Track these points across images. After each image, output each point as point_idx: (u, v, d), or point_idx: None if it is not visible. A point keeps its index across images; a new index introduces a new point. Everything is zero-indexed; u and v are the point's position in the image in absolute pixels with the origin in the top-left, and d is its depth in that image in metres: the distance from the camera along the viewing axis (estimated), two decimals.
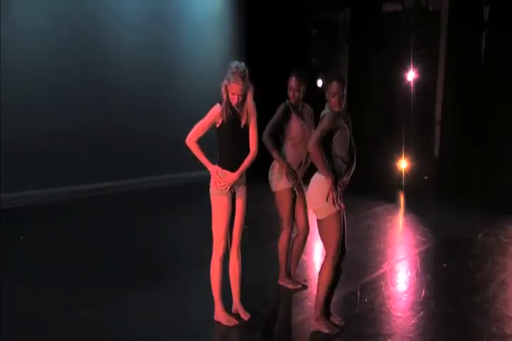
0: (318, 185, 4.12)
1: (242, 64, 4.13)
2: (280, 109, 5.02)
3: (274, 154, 4.95)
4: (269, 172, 5.08)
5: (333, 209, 4.09)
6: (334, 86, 4.09)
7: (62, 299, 4.72)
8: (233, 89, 4.09)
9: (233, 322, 4.30)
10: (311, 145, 4.07)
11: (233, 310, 4.44)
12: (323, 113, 4.17)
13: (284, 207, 5.03)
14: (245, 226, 4.40)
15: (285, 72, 5.25)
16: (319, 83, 10.72)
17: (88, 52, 8.77)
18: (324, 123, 4.08)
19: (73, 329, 4.20)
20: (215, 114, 4.15)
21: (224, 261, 4.31)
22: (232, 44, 11.09)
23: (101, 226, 7.15)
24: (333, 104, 4.11)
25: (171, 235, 6.85)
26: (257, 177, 5.88)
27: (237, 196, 4.29)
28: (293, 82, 4.98)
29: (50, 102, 8.28)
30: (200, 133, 4.18)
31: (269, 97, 8.40)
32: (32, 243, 6.33)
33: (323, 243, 4.20)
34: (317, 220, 4.22)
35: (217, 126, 4.19)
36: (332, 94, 4.10)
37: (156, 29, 9.79)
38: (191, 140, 4.19)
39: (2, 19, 7.68)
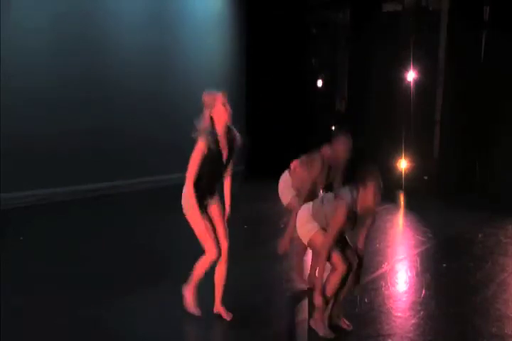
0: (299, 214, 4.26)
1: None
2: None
3: None
4: None
5: (312, 232, 4.13)
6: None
7: (62, 299, 4.72)
8: (223, 113, 4.12)
9: (198, 312, 4.31)
10: None
11: (215, 311, 4.43)
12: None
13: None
14: (245, 226, 4.40)
15: (285, 72, 5.22)
16: (319, 83, 10.74)
17: (88, 52, 8.76)
18: None
19: (73, 329, 4.19)
20: (201, 147, 4.07)
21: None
22: (232, 44, 11.08)
23: (101, 226, 7.15)
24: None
25: (171, 235, 6.85)
26: (256, 177, 5.88)
27: (210, 208, 4.29)
28: (344, 144, 4.87)
29: (50, 102, 8.27)
30: (196, 169, 4.10)
31: (268, 97, 8.44)
32: (32, 243, 6.33)
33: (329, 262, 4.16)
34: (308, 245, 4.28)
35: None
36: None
37: (157, 29, 9.80)
38: (190, 176, 4.09)
39: (2, 19, 7.68)
